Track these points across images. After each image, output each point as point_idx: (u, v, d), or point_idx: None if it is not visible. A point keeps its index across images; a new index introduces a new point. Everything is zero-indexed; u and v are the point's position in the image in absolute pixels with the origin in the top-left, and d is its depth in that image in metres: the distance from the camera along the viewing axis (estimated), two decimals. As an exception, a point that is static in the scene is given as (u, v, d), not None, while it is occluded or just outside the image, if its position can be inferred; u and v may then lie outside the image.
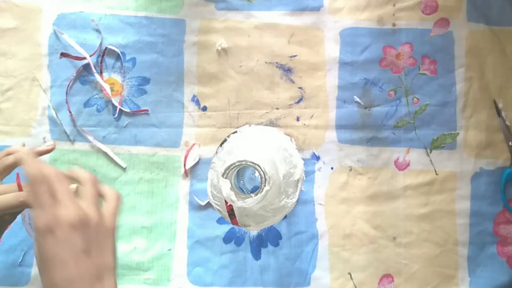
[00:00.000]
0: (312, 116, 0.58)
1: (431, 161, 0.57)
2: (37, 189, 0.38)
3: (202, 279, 0.56)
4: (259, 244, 0.57)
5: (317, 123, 0.58)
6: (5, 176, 0.46)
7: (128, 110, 0.58)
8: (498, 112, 0.57)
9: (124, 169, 0.57)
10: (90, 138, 0.57)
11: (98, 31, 0.58)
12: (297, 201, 0.45)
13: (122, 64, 0.58)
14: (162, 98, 0.58)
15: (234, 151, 0.44)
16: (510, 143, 0.57)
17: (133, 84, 0.58)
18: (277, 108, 0.58)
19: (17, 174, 0.45)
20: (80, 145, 0.58)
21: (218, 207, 0.45)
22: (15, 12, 0.58)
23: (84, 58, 0.58)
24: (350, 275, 0.56)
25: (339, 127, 0.58)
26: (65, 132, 0.57)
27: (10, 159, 0.46)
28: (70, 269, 0.37)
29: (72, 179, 0.42)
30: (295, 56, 0.58)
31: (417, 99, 0.58)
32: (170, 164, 0.58)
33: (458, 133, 0.58)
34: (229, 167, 0.39)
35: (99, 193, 0.42)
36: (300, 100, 0.58)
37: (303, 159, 0.47)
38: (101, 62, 0.58)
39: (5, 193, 0.43)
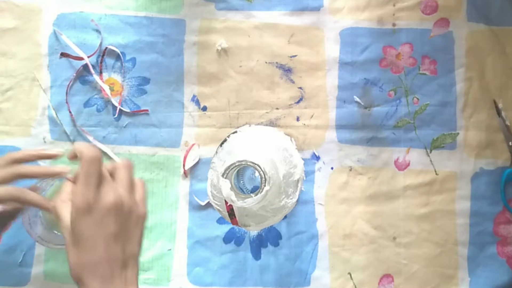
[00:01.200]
0: (312, 116, 0.58)
1: (431, 161, 0.57)
2: (89, 168, 0.39)
3: (202, 279, 0.56)
4: (259, 244, 0.57)
5: (317, 123, 0.58)
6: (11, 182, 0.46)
7: (128, 110, 0.58)
8: (498, 112, 0.57)
9: (124, 169, 0.57)
10: (90, 138, 0.57)
11: (98, 31, 0.58)
12: (297, 201, 0.45)
13: (122, 64, 0.58)
14: (162, 98, 0.58)
15: (234, 151, 0.44)
16: (510, 143, 0.57)
17: (133, 84, 0.58)
18: (277, 108, 0.58)
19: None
20: (80, 145, 0.58)
21: (218, 207, 0.45)
22: (15, 12, 0.58)
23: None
24: (350, 275, 0.56)
25: (339, 127, 0.58)
26: (65, 132, 0.57)
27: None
28: (99, 251, 0.38)
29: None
30: (295, 56, 0.58)
31: (417, 99, 0.58)
32: (170, 164, 0.58)
33: (458, 133, 0.58)
34: (229, 167, 0.39)
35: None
36: (300, 100, 0.58)
37: (303, 159, 0.47)
38: (101, 62, 0.58)
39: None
